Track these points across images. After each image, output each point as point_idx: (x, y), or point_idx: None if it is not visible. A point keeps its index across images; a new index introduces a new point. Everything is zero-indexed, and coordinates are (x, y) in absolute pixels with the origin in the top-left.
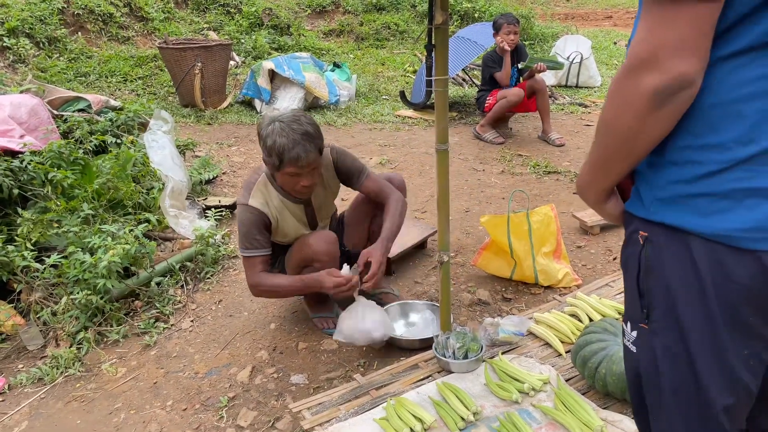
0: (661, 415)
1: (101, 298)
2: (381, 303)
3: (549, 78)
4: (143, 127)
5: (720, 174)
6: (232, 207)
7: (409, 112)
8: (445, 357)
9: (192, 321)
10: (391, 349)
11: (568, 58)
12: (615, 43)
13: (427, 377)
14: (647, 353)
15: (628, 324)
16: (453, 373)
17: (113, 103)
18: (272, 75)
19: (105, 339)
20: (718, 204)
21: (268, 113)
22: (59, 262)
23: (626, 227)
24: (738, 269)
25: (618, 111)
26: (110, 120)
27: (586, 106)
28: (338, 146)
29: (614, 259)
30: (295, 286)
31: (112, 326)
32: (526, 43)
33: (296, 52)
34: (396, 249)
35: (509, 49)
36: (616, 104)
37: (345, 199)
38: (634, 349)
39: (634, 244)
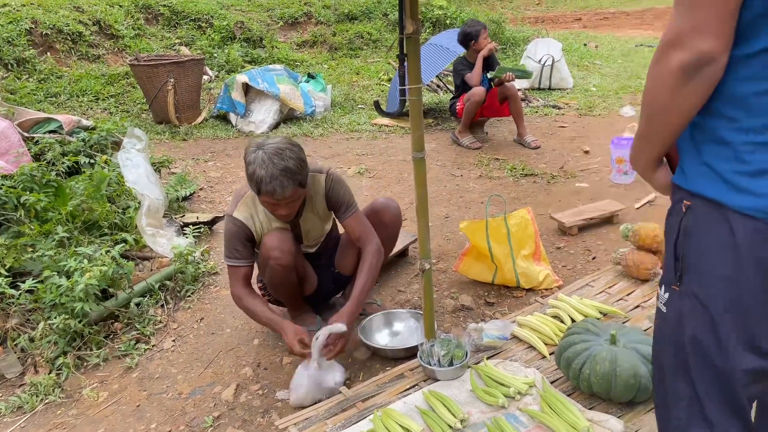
0: (678, 374)
1: (79, 321)
2: (365, 314)
3: (522, 81)
4: (117, 146)
5: (753, 154)
6: (210, 223)
7: (386, 121)
8: (430, 365)
9: (174, 340)
10: (377, 359)
11: (539, 61)
12: (585, 45)
13: (414, 386)
14: (676, 313)
15: (662, 287)
16: (439, 380)
17: (85, 122)
18: (246, 88)
19: (85, 363)
20: (750, 181)
21: (254, 140)
22: (35, 287)
23: (672, 197)
24: None
25: (653, 87)
26: (83, 140)
27: (559, 108)
28: (337, 175)
29: (593, 258)
30: (264, 318)
31: (91, 350)
32: (499, 47)
33: (270, 64)
34: None
35: (493, 50)
36: (652, 82)
37: None
38: (664, 309)
39: (677, 213)
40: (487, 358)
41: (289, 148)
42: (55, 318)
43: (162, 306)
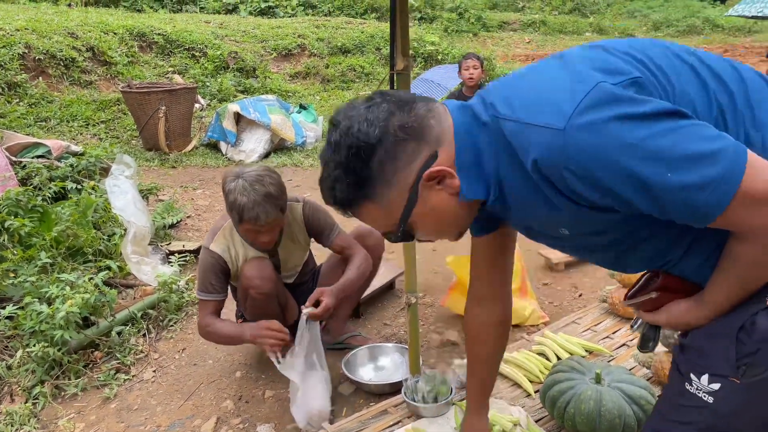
0: None
1: (59, 350)
2: (349, 347)
3: None
4: (105, 172)
5: None
6: (196, 251)
7: None
8: (414, 401)
9: (154, 371)
10: (361, 394)
11: None
12: None
13: (397, 423)
14: (731, 406)
15: (705, 376)
16: (423, 417)
17: (74, 148)
18: (238, 117)
19: (63, 393)
20: None
21: (232, 169)
22: (15, 313)
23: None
24: None
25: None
26: (71, 165)
27: None
28: (312, 202)
29: (580, 295)
30: (230, 333)
31: (70, 379)
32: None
33: (262, 94)
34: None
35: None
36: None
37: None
38: (710, 399)
39: (757, 303)
40: None
41: (268, 175)
42: (34, 346)
43: (144, 335)
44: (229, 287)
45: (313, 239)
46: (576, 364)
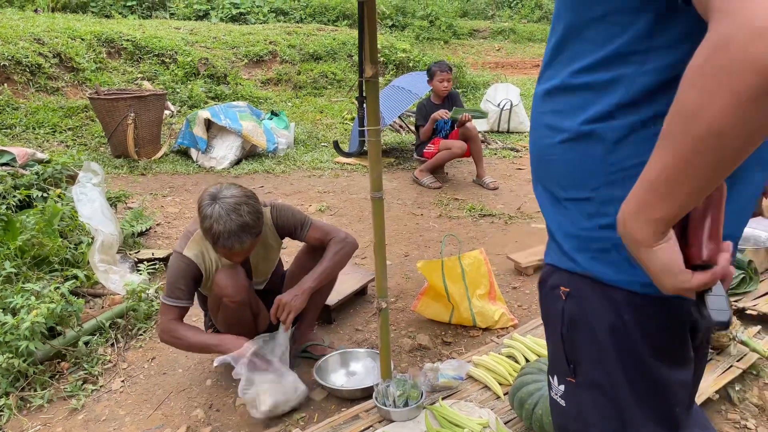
0: None
1: (24, 361)
2: (312, 356)
3: (482, 124)
4: (72, 179)
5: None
6: (165, 259)
7: (348, 159)
8: (385, 406)
9: (123, 381)
10: (332, 399)
11: (498, 104)
12: None
13: (368, 428)
14: (575, 407)
15: (555, 378)
16: (394, 421)
17: (40, 155)
18: (208, 124)
19: (28, 405)
20: (618, 255)
21: (209, 188)
22: None
23: (544, 278)
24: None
25: (710, 99)
26: (36, 173)
27: (517, 151)
28: (279, 203)
29: None
30: (199, 342)
31: (36, 390)
32: (459, 90)
33: (233, 101)
34: (335, 296)
35: (440, 118)
36: (707, 90)
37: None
38: (563, 403)
39: (556, 299)
40: (443, 399)
41: (245, 202)
42: None
43: (112, 345)
44: (196, 296)
45: (287, 238)
46: (543, 366)
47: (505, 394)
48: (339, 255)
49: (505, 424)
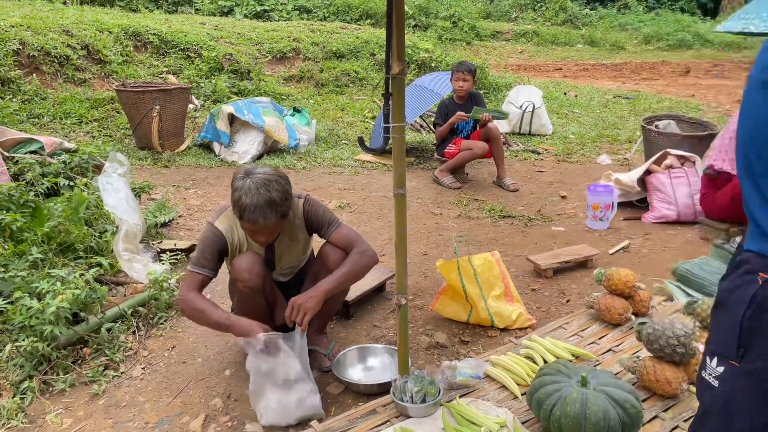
0: None
1: (48, 345)
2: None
3: (503, 126)
4: (98, 169)
5: None
6: (187, 250)
7: (369, 157)
8: (402, 401)
9: (143, 368)
10: (349, 393)
11: (520, 107)
12: (565, 94)
13: (385, 422)
14: (728, 391)
15: (714, 358)
16: (411, 417)
17: (67, 145)
18: (232, 119)
19: (51, 388)
20: None
21: (244, 166)
22: (4, 307)
23: (740, 262)
24: None
25: None
26: (63, 162)
27: (538, 153)
28: (313, 198)
29: (567, 301)
30: (215, 317)
31: (58, 375)
32: (482, 91)
33: (256, 96)
34: (354, 292)
35: (460, 120)
36: None
37: None
38: (716, 383)
39: (750, 283)
40: (460, 397)
41: (276, 180)
42: (23, 340)
43: (133, 332)
44: (227, 277)
45: (314, 235)
46: (562, 368)
47: (522, 395)
48: (358, 265)
49: (522, 424)
